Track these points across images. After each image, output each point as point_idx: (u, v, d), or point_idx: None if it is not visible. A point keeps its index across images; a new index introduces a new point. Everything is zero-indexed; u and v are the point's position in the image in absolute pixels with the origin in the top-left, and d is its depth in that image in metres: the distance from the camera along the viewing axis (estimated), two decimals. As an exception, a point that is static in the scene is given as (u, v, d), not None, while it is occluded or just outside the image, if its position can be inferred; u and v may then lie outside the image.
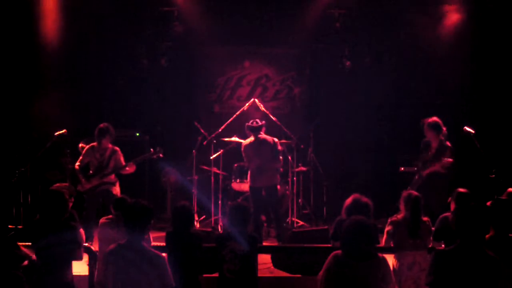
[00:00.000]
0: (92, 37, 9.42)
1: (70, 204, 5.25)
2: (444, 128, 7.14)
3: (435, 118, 7.19)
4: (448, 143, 7.10)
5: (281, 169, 7.79)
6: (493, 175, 6.52)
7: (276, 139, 7.57)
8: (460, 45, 9.39)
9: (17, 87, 9.19)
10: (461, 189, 5.52)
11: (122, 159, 7.43)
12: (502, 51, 9.22)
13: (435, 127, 7.13)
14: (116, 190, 7.36)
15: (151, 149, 7.62)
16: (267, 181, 7.36)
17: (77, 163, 7.48)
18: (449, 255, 3.67)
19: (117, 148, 7.50)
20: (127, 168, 7.38)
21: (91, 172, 7.40)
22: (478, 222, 3.66)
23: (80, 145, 8.57)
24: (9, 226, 6.46)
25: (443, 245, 5.32)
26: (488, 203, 5.27)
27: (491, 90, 9.40)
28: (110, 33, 9.36)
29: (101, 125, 7.43)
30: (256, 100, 8.99)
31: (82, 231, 4.91)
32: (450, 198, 5.58)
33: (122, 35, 9.42)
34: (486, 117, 9.14)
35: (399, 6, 9.42)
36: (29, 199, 7.92)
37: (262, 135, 7.54)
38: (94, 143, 7.45)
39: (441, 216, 5.54)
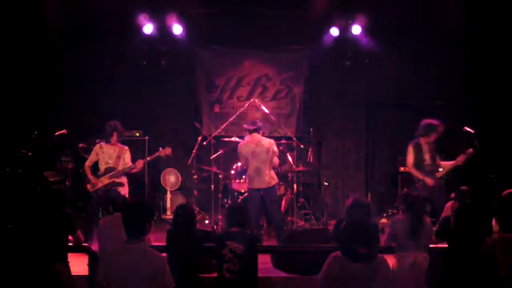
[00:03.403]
0: (92, 37, 9.41)
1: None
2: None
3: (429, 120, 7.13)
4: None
5: (278, 169, 7.69)
6: (493, 175, 6.52)
7: (272, 141, 7.46)
8: (460, 45, 9.39)
9: (16, 87, 9.20)
10: (463, 187, 5.52)
11: (129, 158, 7.26)
12: (502, 51, 9.21)
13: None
14: (125, 190, 7.11)
15: (160, 148, 7.45)
16: (264, 183, 7.30)
17: (87, 163, 7.30)
18: (448, 254, 3.67)
19: (126, 147, 7.32)
20: (135, 167, 7.20)
21: (100, 171, 7.21)
22: (476, 221, 3.66)
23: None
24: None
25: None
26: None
27: (491, 90, 9.40)
28: (110, 33, 9.35)
29: (109, 122, 7.26)
30: (256, 100, 8.99)
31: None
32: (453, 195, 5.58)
33: (122, 35, 9.41)
34: (486, 117, 9.14)
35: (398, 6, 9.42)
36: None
37: (258, 136, 7.48)
38: (103, 142, 7.29)
39: (442, 216, 5.54)
